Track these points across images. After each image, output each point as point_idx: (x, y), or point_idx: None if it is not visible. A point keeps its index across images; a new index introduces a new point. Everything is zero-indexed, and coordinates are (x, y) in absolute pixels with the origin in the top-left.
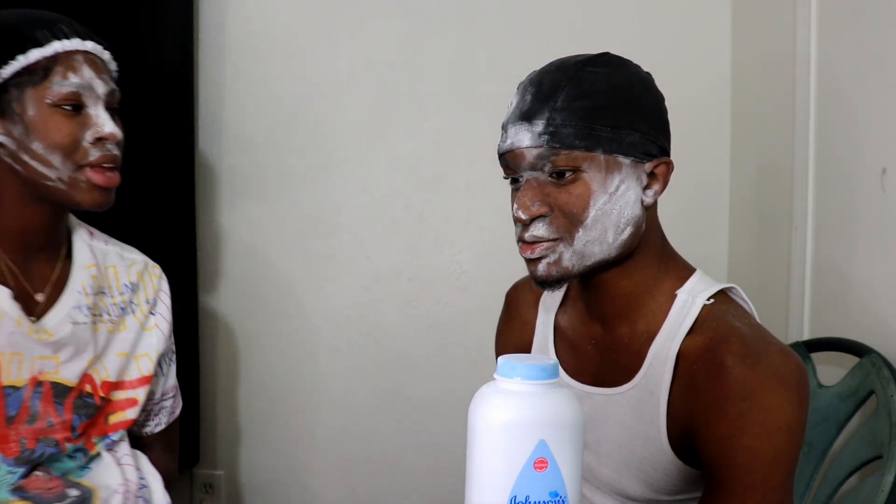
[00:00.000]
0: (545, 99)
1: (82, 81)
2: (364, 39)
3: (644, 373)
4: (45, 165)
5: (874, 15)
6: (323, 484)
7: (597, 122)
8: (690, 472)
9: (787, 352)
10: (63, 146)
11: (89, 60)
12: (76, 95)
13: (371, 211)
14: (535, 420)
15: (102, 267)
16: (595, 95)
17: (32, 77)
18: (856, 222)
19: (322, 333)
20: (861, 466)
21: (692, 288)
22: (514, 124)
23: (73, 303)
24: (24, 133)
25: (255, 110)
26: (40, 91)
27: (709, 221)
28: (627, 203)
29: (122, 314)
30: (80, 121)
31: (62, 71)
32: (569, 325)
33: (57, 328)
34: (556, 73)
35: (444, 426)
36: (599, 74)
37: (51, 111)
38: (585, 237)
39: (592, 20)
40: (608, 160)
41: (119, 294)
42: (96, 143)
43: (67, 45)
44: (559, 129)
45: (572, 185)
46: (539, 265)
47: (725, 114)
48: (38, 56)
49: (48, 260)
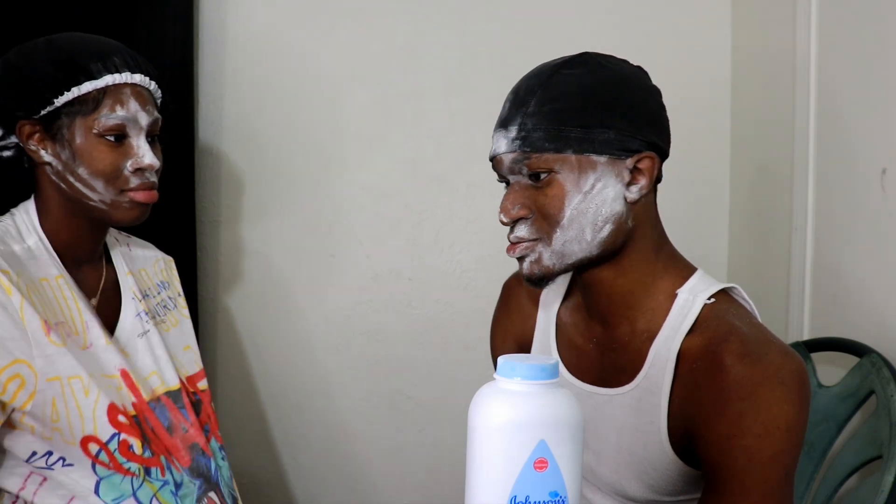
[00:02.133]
0: (519, 105)
1: (127, 114)
2: (364, 39)
3: (645, 373)
4: (89, 189)
5: (874, 15)
6: (323, 484)
7: (566, 124)
8: (691, 472)
9: (787, 351)
10: (105, 174)
11: (136, 93)
12: (121, 127)
13: (371, 211)
14: (535, 420)
15: (136, 271)
16: (564, 97)
17: (83, 108)
18: (856, 222)
19: (322, 333)
20: (861, 466)
21: (693, 287)
22: (496, 132)
23: (132, 312)
24: (70, 157)
25: (255, 110)
26: (89, 121)
27: (709, 221)
28: (605, 201)
29: (166, 312)
30: (122, 151)
31: (110, 104)
32: (571, 322)
33: (128, 343)
34: (533, 80)
35: (445, 426)
36: (572, 76)
37: (96, 140)
38: (563, 237)
39: (592, 20)
40: (580, 160)
41: (157, 294)
42: (136, 171)
43: (118, 79)
44: (530, 134)
45: (548, 187)
46: (523, 263)
47: (725, 114)
48: (89, 88)
49: (95, 269)
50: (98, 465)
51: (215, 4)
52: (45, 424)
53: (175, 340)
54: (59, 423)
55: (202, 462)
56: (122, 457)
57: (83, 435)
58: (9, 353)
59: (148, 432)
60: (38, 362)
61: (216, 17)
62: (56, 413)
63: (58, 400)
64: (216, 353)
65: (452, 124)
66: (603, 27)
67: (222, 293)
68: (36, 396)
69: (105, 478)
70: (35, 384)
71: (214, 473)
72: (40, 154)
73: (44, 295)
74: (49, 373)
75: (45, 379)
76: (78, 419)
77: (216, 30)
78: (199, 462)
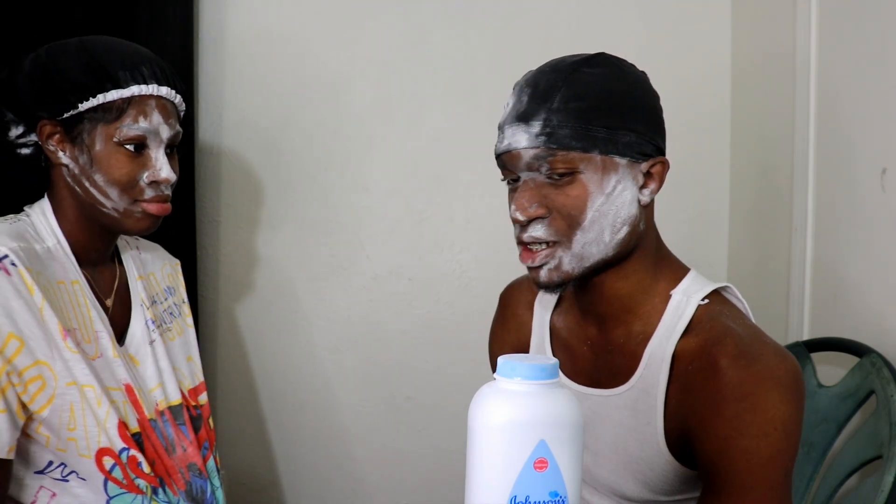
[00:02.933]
0: (541, 100)
1: (150, 126)
2: (364, 39)
3: (640, 374)
4: (103, 195)
5: (874, 15)
6: (323, 484)
7: (593, 123)
8: (687, 472)
9: (781, 352)
10: (121, 183)
11: (161, 105)
12: (141, 138)
13: (371, 211)
14: (535, 420)
15: (146, 275)
16: (591, 96)
17: (106, 115)
18: (856, 222)
19: (322, 333)
20: (861, 466)
21: (686, 288)
22: (511, 125)
23: (141, 321)
24: (88, 163)
25: (255, 110)
26: (110, 129)
27: (709, 221)
28: (624, 203)
29: (171, 319)
30: (140, 161)
31: (134, 114)
32: (564, 326)
33: (138, 352)
34: (552, 74)
35: (444, 426)
36: (595, 75)
37: (115, 148)
38: (583, 239)
39: (592, 20)
40: (605, 161)
41: (164, 300)
42: (151, 184)
43: (144, 90)
44: (556, 131)
45: (569, 187)
46: (541, 271)
47: (725, 114)
48: (115, 97)
49: (108, 269)
50: (111, 482)
51: (215, 4)
52: (60, 434)
53: (178, 350)
54: (75, 432)
55: (198, 484)
56: (132, 472)
57: (99, 447)
58: (31, 353)
59: (150, 452)
60: (58, 365)
61: (216, 18)
62: (73, 420)
63: (76, 406)
64: (216, 353)
65: (452, 124)
66: (603, 27)
67: (222, 293)
68: (54, 401)
69: (116, 496)
70: (54, 388)
71: (210, 498)
72: (58, 155)
73: (60, 298)
74: (67, 377)
75: (64, 383)
76: (94, 427)
77: (216, 30)
78: (195, 484)
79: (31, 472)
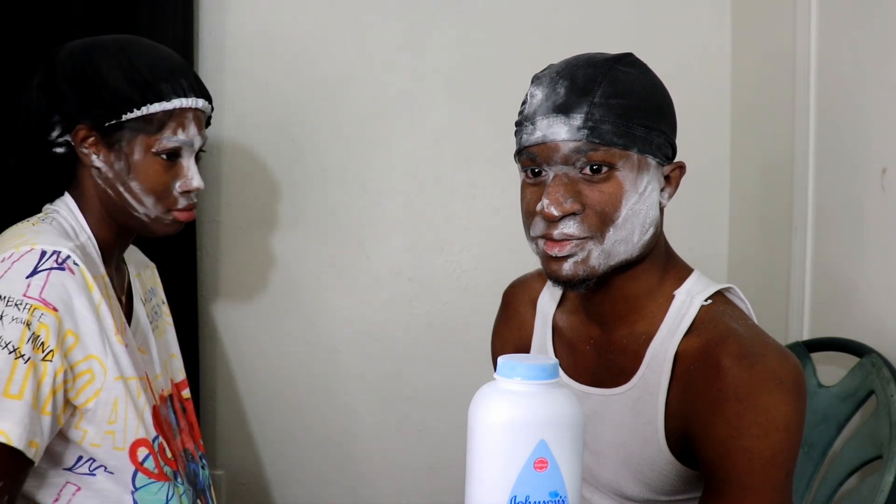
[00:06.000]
0: (582, 93)
1: (186, 138)
2: (364, 40)
3: (642, 374)
4: (137, 202)
5: (874, 15)
6: (323, 484)
7: (633, 122)
8: (688, 472)
9: (783, 352)
10: (157, 192)
11: (196, 117)
12: (178, 150)
13: (371, 211)
14: (535, 420)
15: (139, 274)
16: (631, 94)
17: (148, 126)
18: (856, 222)
19: (322, 333)
20: (861, 466)
21: (690, 288)
22: (547, 116)
23: (143, 315)
24: (124, 169)
25: (255, 110)
26: (150, 140)
27: (709, 221)
28: (652, 204)
29: (157, 318)
30: (174, 171)
31: (174, 127)
32: (567, 325)
33: (145, 342)
34: (589, 68)
35: (444, 426)
36: (631, 74)
37: (152, 158)
38: (615, 236)
39: (592, 20)
40: (640, 160)
41: (150, 299)
42: (184, 193)
43: (184, 103)
44: (598, 125)
45: (605, 184)
46: (565, 263)
47: (725, 114)
48: (157, 109)
49: (121, 268)
50: (141, 473)
51: (215, 5)
52: (100, 428)
53: (163, 348)
54: (115, 425)
55: (191, 468)
56: (161, 460)
57: (135, 438)
58: (84, 348)
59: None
60: (109, 360)
61: (216, 18)
62: (115, 414)
63: (120, 400)
64: (216, 352)
65: (452, 124)
66: (603, 27)
67: (222, 293)
68: (101, 394)
69: (142, 487)
70: (103, 381)
71: (201, 480)
72: (91, 158)
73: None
74: (115, 372)
75: (112, 377)
76: (134, 420)
77: (216, 30)
78: (190, 468)
79: (59, 470)
